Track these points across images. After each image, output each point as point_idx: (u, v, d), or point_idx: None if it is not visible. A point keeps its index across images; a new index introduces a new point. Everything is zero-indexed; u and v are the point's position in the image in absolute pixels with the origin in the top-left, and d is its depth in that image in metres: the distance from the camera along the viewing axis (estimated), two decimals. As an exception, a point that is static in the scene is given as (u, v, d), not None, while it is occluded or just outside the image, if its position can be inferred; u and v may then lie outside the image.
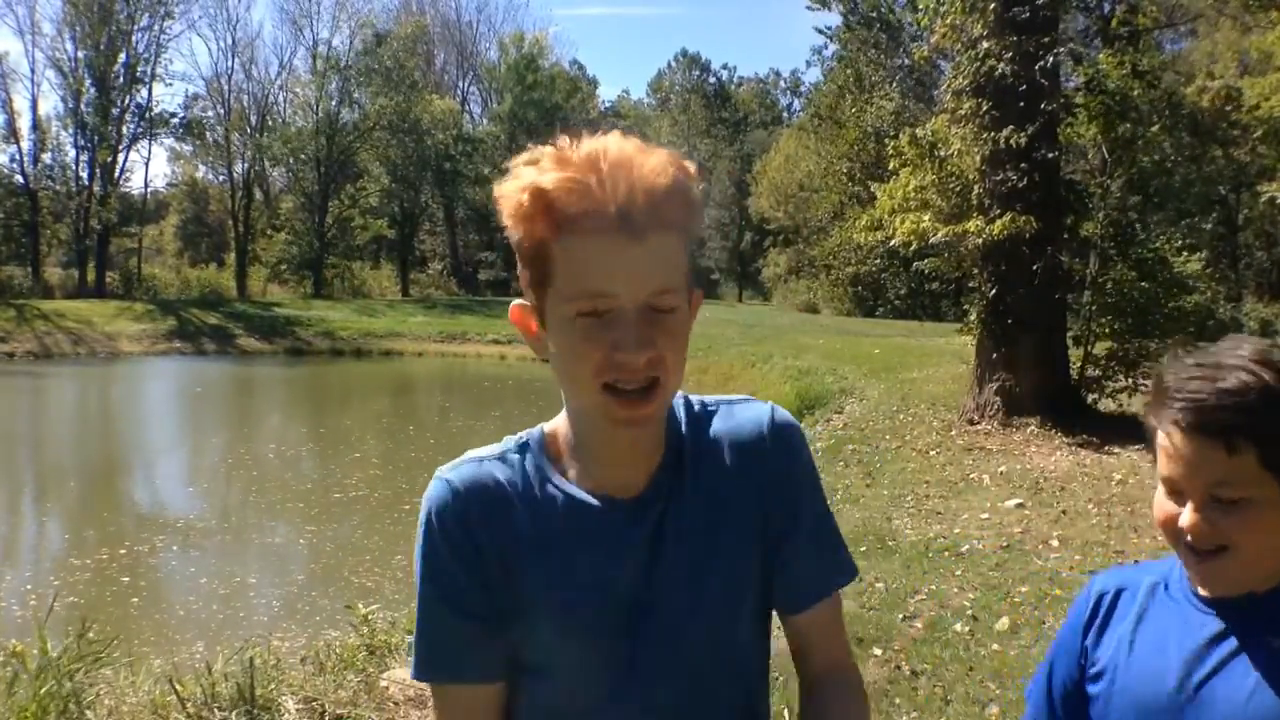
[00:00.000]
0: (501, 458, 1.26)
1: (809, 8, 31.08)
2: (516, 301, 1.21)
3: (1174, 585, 1.41)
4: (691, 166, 1.15)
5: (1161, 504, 1.35)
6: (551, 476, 1.23)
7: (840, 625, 1.34)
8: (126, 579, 8.44)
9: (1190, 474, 1.29)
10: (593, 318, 1.09)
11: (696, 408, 1.30)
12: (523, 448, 1.26)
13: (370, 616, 5.53)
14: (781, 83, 69.95)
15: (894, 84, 33.90)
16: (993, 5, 11.29)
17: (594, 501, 1.20)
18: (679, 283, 1.13)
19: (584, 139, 1.11)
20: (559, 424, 1.26)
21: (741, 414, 1.29)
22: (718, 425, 1.28)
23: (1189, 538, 1.30)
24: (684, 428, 1.26)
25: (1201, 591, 1.37)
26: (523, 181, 1.09)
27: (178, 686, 4.40)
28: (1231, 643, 1.32)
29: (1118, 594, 1.45)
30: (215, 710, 4.33)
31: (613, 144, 1.11)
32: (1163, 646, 1.37)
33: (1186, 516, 1.29)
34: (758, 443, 1.27)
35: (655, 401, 1.13)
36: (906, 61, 31.85)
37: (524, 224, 1.10)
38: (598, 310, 1.09)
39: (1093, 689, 1.43)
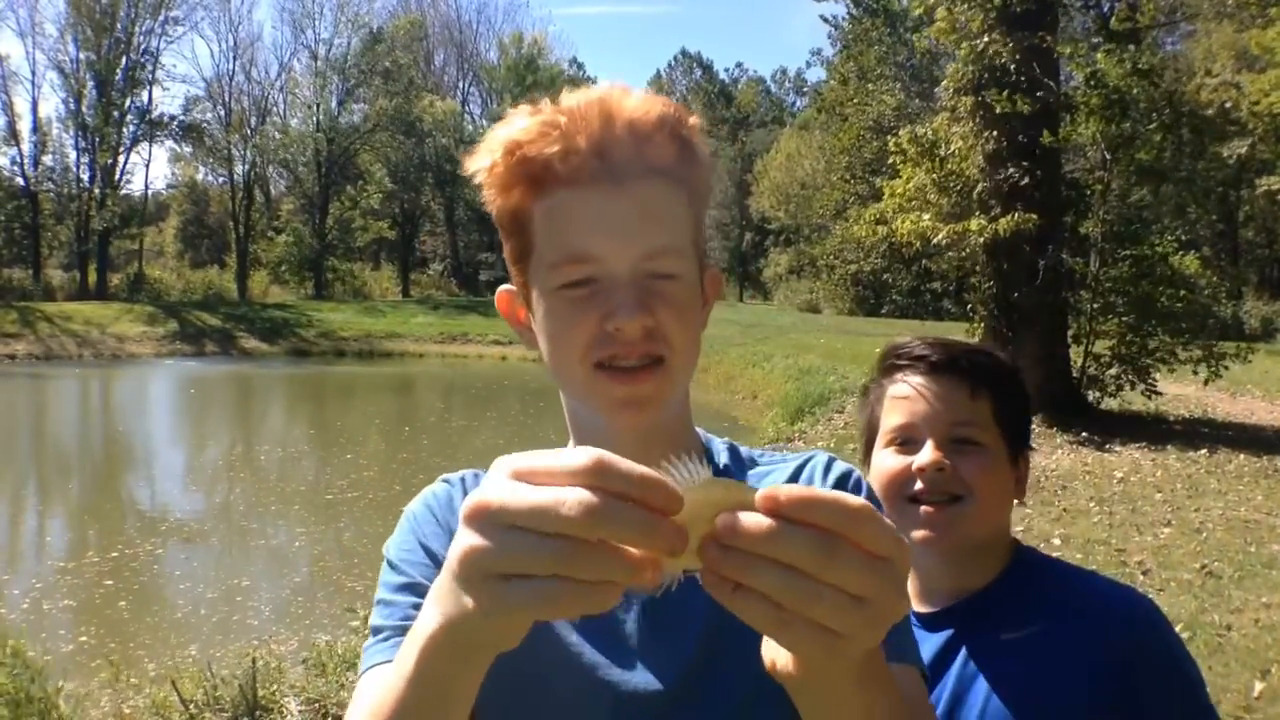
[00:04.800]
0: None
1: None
2: (503, 287, 1.06)
3: None
4: (692, 117, 0.97)
5: (888, 463, 1.34)
6: None
7: None
8: (120, 582, 8.41)
9: (933, 413, 1.32)
10: (578, 289, 0.93)
11: (744, 456, 1.10)
12: None
13: (363, 615, 5.53)
14: (788, 82, 69.98)
15: (896, 79, 34.00)
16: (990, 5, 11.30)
17: None
18: (680, 245, 0.95)
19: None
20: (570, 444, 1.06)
21: (793, 469, 1.07)
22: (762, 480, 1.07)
23: (920, 485, 1.30)
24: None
25: (917, 607, 1.35)
26: (492, 141, 0.96)
27: (179, 688, 4.41)
28: (961, 652, 1.30)
29: None
30: (217, 712, 4.33)
31: (596, 88, 0.96)
32: None
33: (926, 454, 1.30)
34: None
35: (656, 378, 0.94)
36: (910, 60, 31.91)
37: (499, 189, 0.96)
38: (583, 279, 0.93)
39: None
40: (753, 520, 0.59)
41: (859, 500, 0.60)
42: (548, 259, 0.94)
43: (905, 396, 1.35)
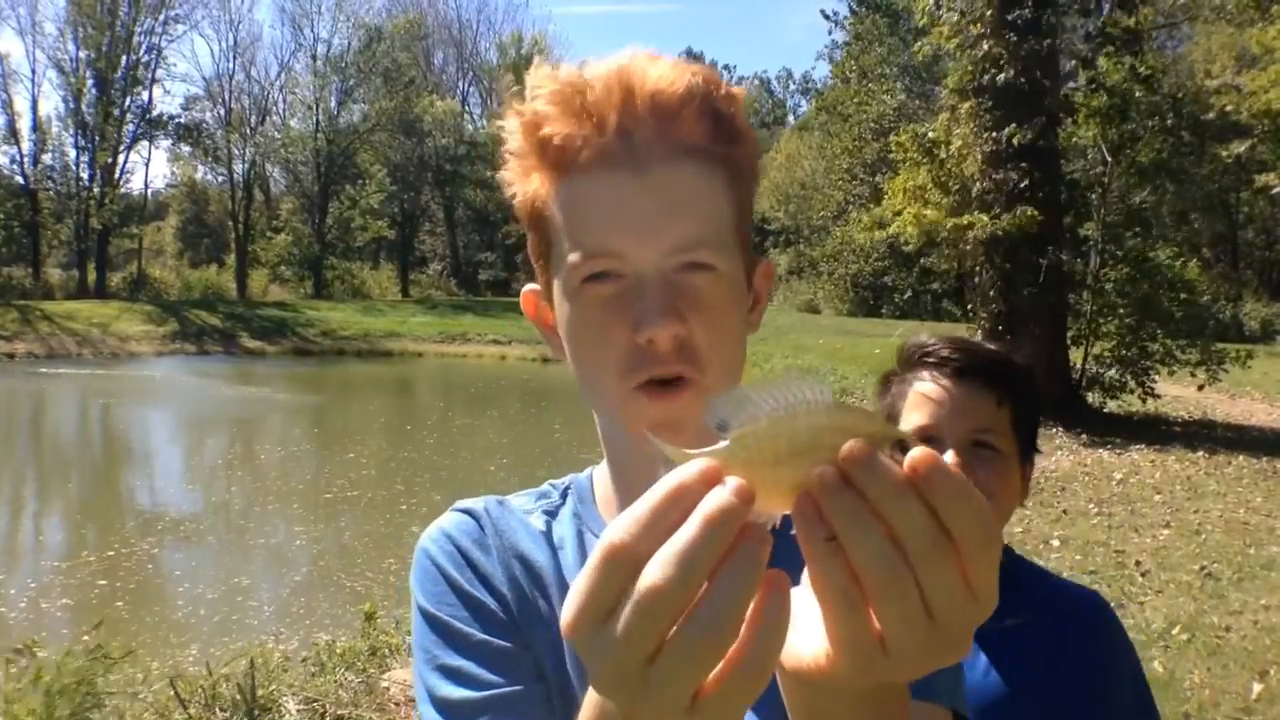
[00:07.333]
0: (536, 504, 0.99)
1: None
2: (528, 287, 0.95)
3: None
4: (731, 86, 0.87)
5: None
6: (591, 529, 0.94)
7: None
8: (118, 582, 8.40)
9: (956, 418, 1.33)
10: (602, 283, 0.83)
11: None
12: (565, 494, 0.99)
13: (376, 616, 5.53)
14: (793, 83, 70.00)
15: (897, 80, 34.08)
16: (989, 10, 11.34)
17: None
18: (716, 235, 0.83)
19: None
20: (603, 465, 0.98)
21: None
22: None
23: None
24: None
25: None
26: (511, 121, 0.87)
27: (179, 687, 4.41)
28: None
29: None
30: (216, 710, 4.33)
31: (618, 56, 0.85)
32: None
33: (947, 460, 1.30)
34: None
35: (684, 397, 0.81)
36: (910, 61, 31.97)
37: (517, 173, 0.87)
38: (605, 271, 0.82)
39: None
40: (889, 462, 0.48)
41: (995, 525, 0.50)
42: (567, 254, 0.84)
43: (930, 395, 1.35)
